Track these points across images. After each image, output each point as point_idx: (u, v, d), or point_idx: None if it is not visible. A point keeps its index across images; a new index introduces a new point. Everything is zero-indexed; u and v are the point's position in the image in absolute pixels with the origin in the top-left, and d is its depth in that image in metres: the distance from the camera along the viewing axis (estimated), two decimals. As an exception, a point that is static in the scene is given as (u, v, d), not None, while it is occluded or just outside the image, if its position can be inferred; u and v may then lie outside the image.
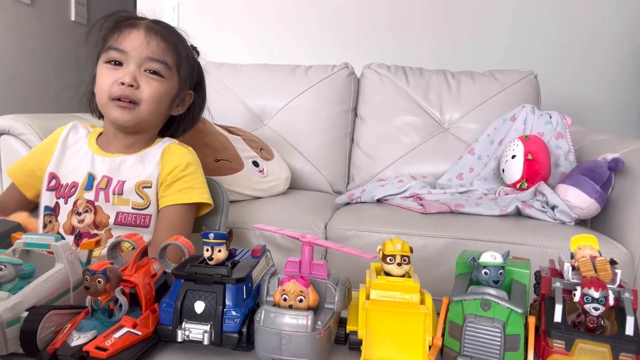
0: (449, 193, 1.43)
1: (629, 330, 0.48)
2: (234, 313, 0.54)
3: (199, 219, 0.97)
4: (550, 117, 1.53)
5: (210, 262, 0.56)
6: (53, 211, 0.92)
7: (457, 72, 1.79)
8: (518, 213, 1.29)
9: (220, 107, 1.74)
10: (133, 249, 0.62)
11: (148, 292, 0.58)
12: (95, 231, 0.90)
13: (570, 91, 2.13)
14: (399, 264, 0.54)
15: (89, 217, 0.90)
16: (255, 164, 1.43)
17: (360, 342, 0.53)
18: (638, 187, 1.16)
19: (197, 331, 0.53)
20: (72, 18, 2.92)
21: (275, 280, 0.55)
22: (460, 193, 1.45)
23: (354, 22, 2.17)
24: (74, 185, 0.91)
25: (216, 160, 1.30)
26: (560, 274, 0.59)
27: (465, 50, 2.14)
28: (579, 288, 0.50)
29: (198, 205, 0.96)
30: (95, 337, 0.51)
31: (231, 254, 0.60)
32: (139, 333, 0.53)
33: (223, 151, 1.33)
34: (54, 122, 1.06)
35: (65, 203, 0.91)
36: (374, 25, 2.16)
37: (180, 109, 1.00)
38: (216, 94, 1.75)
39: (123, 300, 0.55)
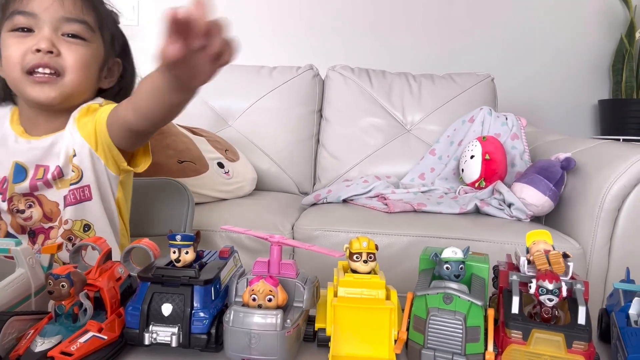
0: (412, 192, 1.47)
1: (581, 319, 0.51)
2: (202, 314, 0.54)
3: (166, 221, 0.96)
4: (507, 118, 1.60)
5: (177, 264, 0.56)
6: None
7: (418, 75, 1.83)
8: (477, 211, 1.33)
9: (183, 108, 1.73)
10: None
11: (113, 296, 0.57)
12: (50, 224, 0.80)
13: (525, 93, 2.22)
14: (365, 261, 0.55)
15: (35, 212, 0.79)
16: (221, 165, 1.42)
17: (328, 339, 0.54)
18: (589, 185, 1.23)
19: (164, 334, 0.53)
20: None
21: (243, 280, 0.55)
22: (422, 192, 1.49)
23: (318, 24, 2.18)
24: (4, 180, 0.78)
25: (179, 161, 1.29)
26: (516, 268, 0.61)
27: (425, 54, 2.19)
28: (534, 280, 0.52)
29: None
30: (60, 342, 0.50)
31: (199, 256, 0.60)
32: (105, 337, 0.52)
33: (186, 152, 1.31)
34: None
35: (3, 201, 0.78)
36: (338, 28, 2.19)
37: (110, 80, 0.85)
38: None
39: (88, 304, 0.54)
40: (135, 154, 0.83)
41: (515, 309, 0.53)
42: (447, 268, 0.54)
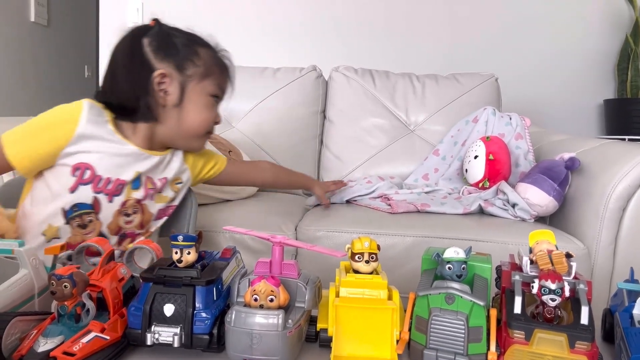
0: (415, 193, 1.46)
1: (584, 319, 0.51)
2: (204, 315, 0.54)
3: (169, 222, 0.96)
4: (510, 118, 1.59)
5: (179, 265, 0.56)
6: (92, 208, 0.85)
7: (421, 76, 1.83)
8: (481, 211, 1.33)
9: (187, 110, 1.73)
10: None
11: (116, 296, 0.57)
12: (140, 231, 0.91)
13: (529, 93, 2.21)
14: (367, 262, 0.55)
15: (137, 218, 0.90)
16: (224, 166, 1.42)
17: (330, 339, 0.54)
18: (593, 184, 1.22)
19: (166, 334, 0.53)
20: (32, 19, 2.83)
21: (245, 281, 0.55)
22: (426, 193, 1.48)
23: (322, 25, 2.19)
24: (121, 183, 0.85)
25: (184, 163, 1.29)
26: (519, 268, 0.61)
27: (429, 54, 2.19)
28: (536, 280, 0.52)
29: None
30: (62, 343, 0.50)
31: (201, 256, 0.61)
32: (107, 337, 0.53)
33: (191, 154, 1.32)
34: (9, 126, 0.99)
35: (110, 201, 0.86)
36: (342, 29, 2.19)
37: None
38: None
39: (90, 304, 0.54)
40: None
41: (517, 309, 0.53)
42: (449, 268, 0.54)
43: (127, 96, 0.86)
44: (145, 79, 0.85)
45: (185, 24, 0.94)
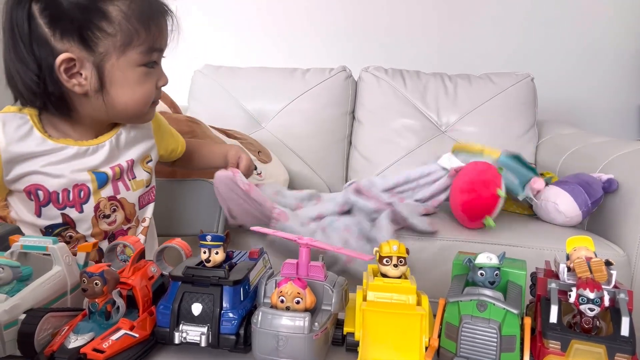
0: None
1: (624, 330, 0.49)
2: (231, 315, 0.54)
3: (196, 222, 0.97)
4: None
5: (207, 265, 0.56)
6: (66, 225, 0.78)
7: (453, 75, 1.80)
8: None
9: (218, 110, 1.75)
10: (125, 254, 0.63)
11: (145, 295, 0.58)
12: (128, 225, 0.84)
13: (567, 93, 2.14)
14: (396, 265, 0.54)
15: (119, 215, 0.82)
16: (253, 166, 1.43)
17: (357, 344, 0.53)
18: (635, 189, 1.17)
19: (194, 333, 0.53)
20: None
21: (272, 282, 0.55)
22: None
23: (352, 25, 2.18)
24: (80, 188, 0.77)
25: (214, 163, 1.30)
26: (556, 275, 0.59)
27: (462, 54, 2.15)
28: (574, 289, 0.50)
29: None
30: (92, 339, 0.51)
31: (228, 256, 0.61)
32: (136, 335, 0.53)
33: (221, 154, 1.33)
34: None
35: (80, 211, 0.78)
36: (372, 28, 2.17)
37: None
38: (214, 97, 1.77)
39: (120, 302, 0.55)
40: None
41: (553, 318, 0.51)
42: (481, 274, 0.53)
43: (34, 91, 0.70)
44: (47, 67, 0.68)
45: (219, 27, 0.90)
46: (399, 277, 0.55)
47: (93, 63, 0.69)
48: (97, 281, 0.52)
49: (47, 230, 0.77)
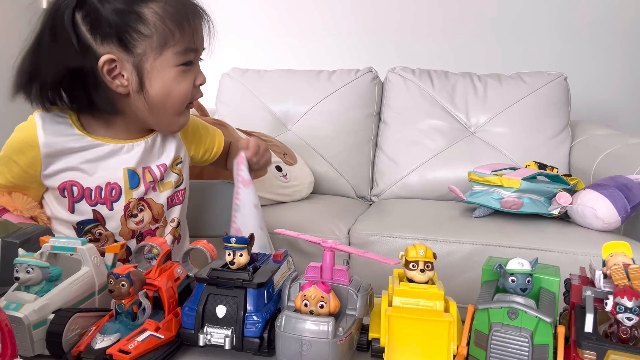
0: None
1: (666, 342, 0.46)
2: (255, 318, 0.54)
3: (222, 223, 0.98)
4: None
5: (232, 267, 0.56)
6: (97, 222, 0.80)
7: (483, 75, 1.76)
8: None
9: (244, 113, 1.77)
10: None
11: (171, 296, 0.58)
12: (156, 225, 0.85)
13: (602, 93, 2.06)
14: (422, 270, 0.53)
15: (146, 215, 0.83)
16: (279, 168, 1.43)
17: (382, 350, 0.52)
18: (675, 192, 1.12)
19: (218, 335, 0.53)
20: (44, 6, 2.66)
21: (296, 285, 0.55)
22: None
23: (378, 26, 2.16)
24: (113, 187, 0.79)
25: (240, 165, 1.31)
26: (591, 282, 0.57)
27: (492, 53, 2.10)
28: (611, 297, 0.48)
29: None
30: (118, 340, 0.51)
31: (252, 259, 0.60)
32: (162, 337, 0.54)
33: (246, 156, 1.34)
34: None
35: (110, 209, 0.80)
36: (398, 29, 2.15)
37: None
38: (241, 100, 1.79)
39: (146, 303, 0.55)
40: None
41: (589, 327, 0.49)
42: (512, 281, 0.51)
43: (77, 94, 0.74)
44: (91, 70, 0.71)
45: (245, 30, 0.90)
46: (426, 283, 0.53)
47: (133, 64, 0.73)
48: (123, 282, 0.53)
49: (79, 226, 0.80)
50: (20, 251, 0.58)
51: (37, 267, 0.55)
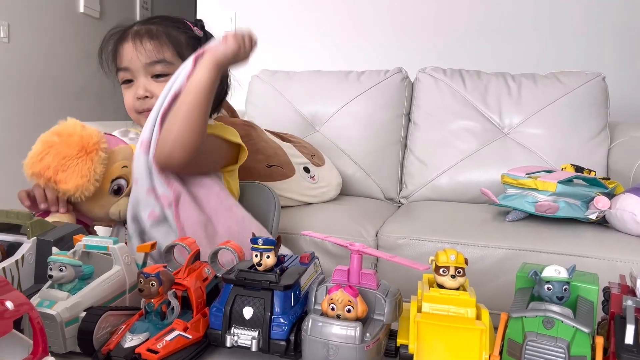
0: None
1: None
2: (282, 320, 0.53)
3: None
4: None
5: (259, 268, 0.56)
6: None
7: (517, 75, 1.71)
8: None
9: (273, 114, 1.77)
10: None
11: (199, 296, 0.58)
12: None
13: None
14: (453, 276, 0.51)
15: None
16: (307, 170, 1.43)
17: (411, 357, 0.51)
18: None
19: (245, 337, 0.53)
20: (81, 10, 2.64)
21: (323, 288, 0.54)
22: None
23: (408, 26, 2.14)
24: None
25: (268, 166, 1.31)
26: (631, 291, 0.54)
27: (527, 53, 2.05)
28: (654, 308, 0.46)
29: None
30: (147, 339, 0.52)
31: (280, 260, 0.60)
32: (190, 337, 0.54)
33: (274, 157, 1.34)
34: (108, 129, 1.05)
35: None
36: (429, 29, 2.12)
37: None
38: (270, 101, 1.80)
39: (175, 303, 0.56)
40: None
41: (629, 338, 0.46)
42: (548, 289, 0.49)
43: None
44: None
45: (276, 32, 0.95)
46: (457, 289, 0.52)
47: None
48: (153, 282, 0.53)
49: None
50: (54, 249, 0.59)
51: (70, 265, 0.56)
